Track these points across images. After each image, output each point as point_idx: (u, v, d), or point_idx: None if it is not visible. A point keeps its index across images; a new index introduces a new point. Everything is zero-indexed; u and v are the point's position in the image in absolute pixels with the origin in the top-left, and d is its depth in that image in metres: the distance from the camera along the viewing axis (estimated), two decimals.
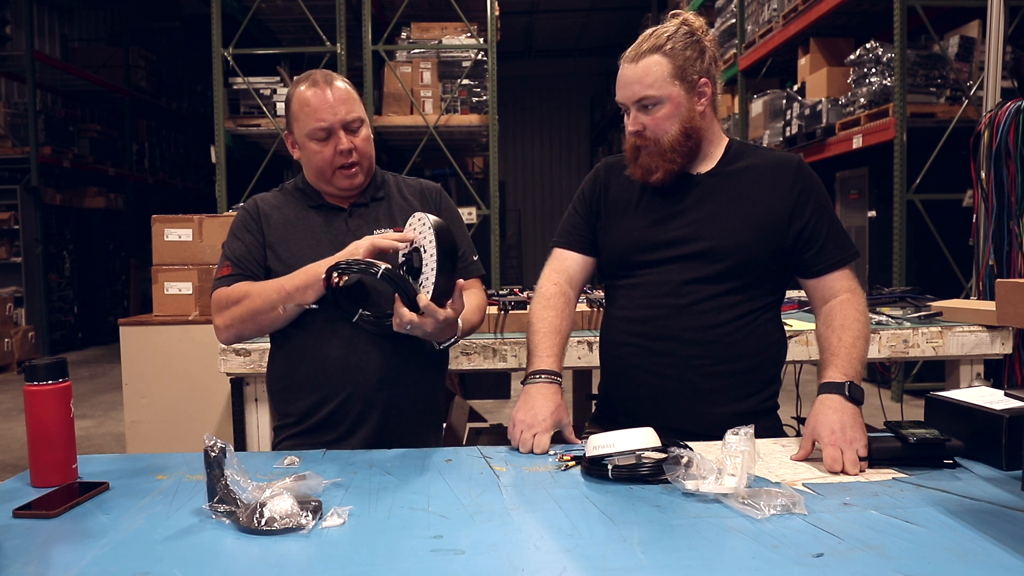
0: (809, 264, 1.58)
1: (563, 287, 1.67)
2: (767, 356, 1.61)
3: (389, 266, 1.43)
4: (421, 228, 1.46)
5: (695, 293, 1.55)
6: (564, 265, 1.70)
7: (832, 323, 1.52)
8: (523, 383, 1.56)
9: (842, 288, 1.56)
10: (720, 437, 1.19)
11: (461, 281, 1.49)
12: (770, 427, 1.61)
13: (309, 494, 1.12)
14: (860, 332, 1.49)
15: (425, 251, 1.45)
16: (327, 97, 1.60)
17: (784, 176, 1.58)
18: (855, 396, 1.38)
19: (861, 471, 1.28)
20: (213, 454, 1.10)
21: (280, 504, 1.05)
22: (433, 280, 1.43)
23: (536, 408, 1.47)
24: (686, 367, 1.55)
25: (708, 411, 1.55)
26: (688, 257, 1.56)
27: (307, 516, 1.05)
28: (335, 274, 1.48)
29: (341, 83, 1.65)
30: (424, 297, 1.43)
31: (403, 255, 1.50)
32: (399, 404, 1.64)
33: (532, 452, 1.43)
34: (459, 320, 1.54)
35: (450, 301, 1.47)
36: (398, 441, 1.57)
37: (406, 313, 1.43)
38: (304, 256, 1.62)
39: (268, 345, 1.76)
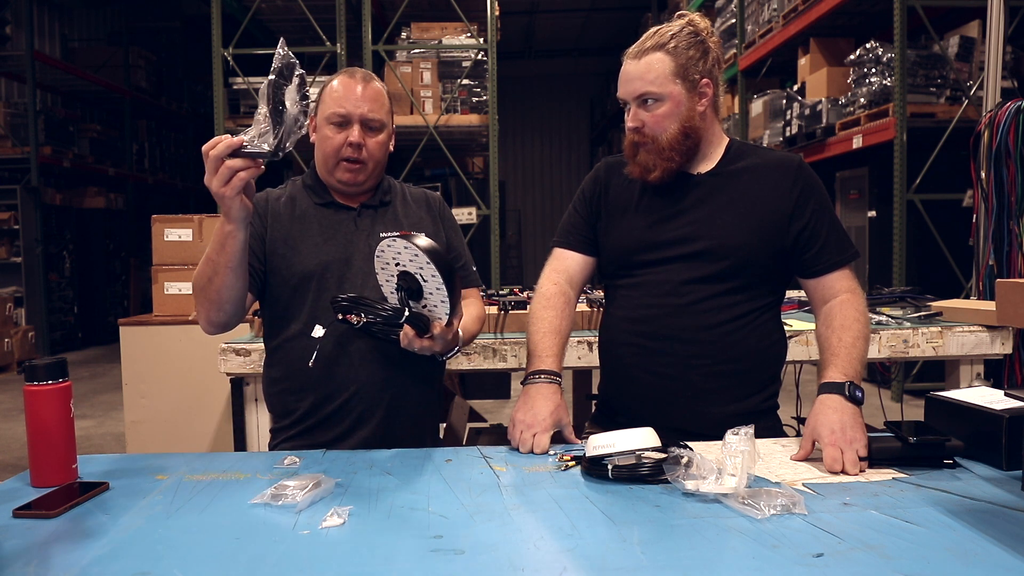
0: (809, 264, 1.58)
1: (563, 287, 1.67)
2: (767, 356, 1.61)
3: (405, 311, 1.43)
4: (407, 254, 1.42)
5: (695, 293, 1.55)
6: (564, 265, 1.70)
7: (832, 323, 1.52)
8: (523, 383, 1.56)
9: (842, 288, 1.56)
10: (720, 437, 1.19)
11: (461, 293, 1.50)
12: (770, 427, 1.61)
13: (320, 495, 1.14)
14: (860, 332, 1.49)
15: (423, 278, 1.43)
16: (355, 89, 1.63)
17: (784, 176, 1.59)
18: (855, 396, 1.38)
19: (861, 471, 1.28)
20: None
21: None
22: (447, 308, 1.44)
23: (536, 408, 1.47)
24: (686, 367, 1.55)
25: (708, 411, 1.55)
26: (688, 257, 1.56)
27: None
28: (353, 315, 1.47)
29: (376, 84, 1.67)
30: (440, 325, 1.45)
31: (398, 284, 1.47)
32: (401, 406, 1.65)
33: (532, 452, 1.43)
34: (459, 331, 1.55)
35: (456, 318, 1.48)
36: (397, 443, 1.57)
37: (419, 341, 1.45)
38: (310, 254, 1.63)
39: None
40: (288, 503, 1.14)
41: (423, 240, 1.41)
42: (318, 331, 1.58)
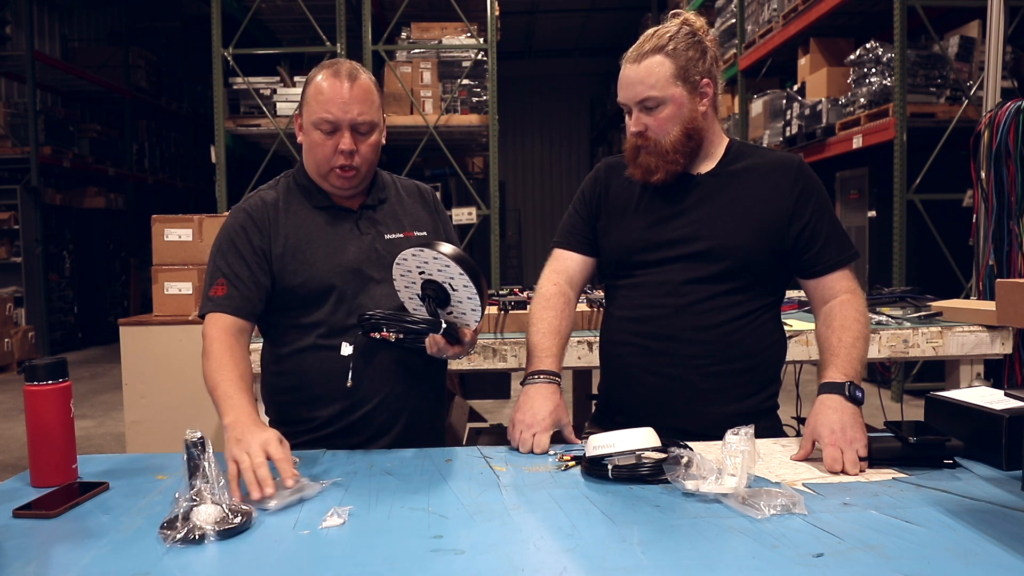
0: (809, 265, 1.58)
1: (563, 287, 1.67)
2: (767, 356, 1.61)
3: (442, 322, 1.42)
4: (436, 264, 1.40)
5: (695, 293, 1.55)
6: (564, 265, 1.70)
7: (832, 323, 1.52)
8: (522, 384, 1.56)
9: (842, 288, 1.56)
10: (720, 437, 1.19)
11: None
12: (770, 427, 1.61)
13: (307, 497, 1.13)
14: (860, 332, 1.49)
15: (452, 286, 1.42)
16: (342, 91, 1.52)
17: (785, 176, 1.58)
18: (855, 396, 1.38)
19: (861, 471, 1.28)
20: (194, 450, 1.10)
21: (206, 512, 1.05)
22: (478, 315, 1.44)
23: (535, 408, 1.48)
24: (686, 367, 1.55)
25: (708, 411, 1.55)
26: (688, 257, 1.56)
27: (239, 518, 1.05)
28: (386, 332, 1.44)
29: (364, 79, 1.56)
30: (469, 331, 1.46)
31: (424, 293, 1.46)
32: (421, 416, 1.64)
33: (532, 452, 1.43)
34: None
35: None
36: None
37: (451, 348, 1.45)
38: (320, 266, 1.57)
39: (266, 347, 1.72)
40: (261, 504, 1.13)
41: (449, 247, 1.39)
42: (347, 349, 1.54)
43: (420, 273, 1.43)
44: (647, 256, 1.60)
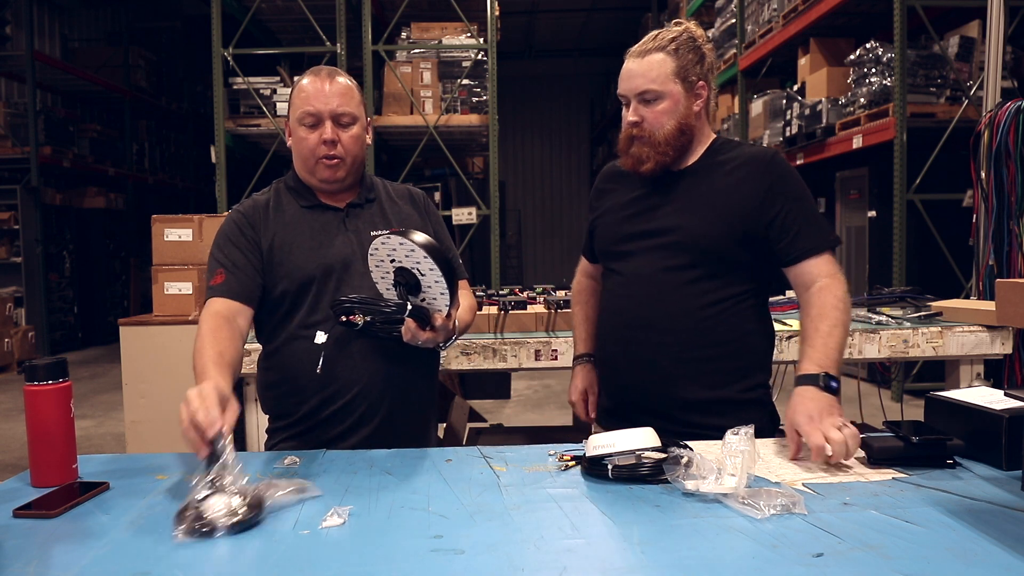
0: (785, 252, 1.61)
1: (587, 282, 1.91)
2: (743, 344, 1.63)
3: (408, 305, 1.44)
4: (402, 249, 1.43)
5: (668, 282, 1.61)
6: (585, 267, 1.93)
7: (810, 312, 1.55)
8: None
9: (821, 273, 1.57)
10: (695, 423, 1.20)
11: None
12: (758, 419, 1.61)
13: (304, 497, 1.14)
14: (837, 320, 1.51)
15: (420, 272, 1.44)
16: (323, 87, 1.62)
17: (756, 168, 1.62)
18: (829, 386, 1.41)
19: (850, 455, 1.28)
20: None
21: (217, 502, 1.06)
22: (447, 299, 1.46)
23: (574, 383, 1.87)
24: (657, 352, 1.61)
25: (678, 394, 1.60)
26: (661, 247, 1.62)
27: (250, 510, 1.06)
28: (356, 316, 1.47)
29: (343, 79, 1.66)
30: (441, 316, 1.47)
31: (395, 280, 1.48)
32: (404, 402, 1.65)
33: (588, 416, 1.78)
34: (456, 320, 1.57)
35: (454, 308, 1.50)
36: (400, 438, 1.57)
37: (422, 333, 1.46)
38: (304, 260, 1.61)
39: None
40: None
41: (419, 235, 1.42)
42: (320, 337, 1.58)
43: (391, 261, 1.46)
44: (625, 247, 1.68)
